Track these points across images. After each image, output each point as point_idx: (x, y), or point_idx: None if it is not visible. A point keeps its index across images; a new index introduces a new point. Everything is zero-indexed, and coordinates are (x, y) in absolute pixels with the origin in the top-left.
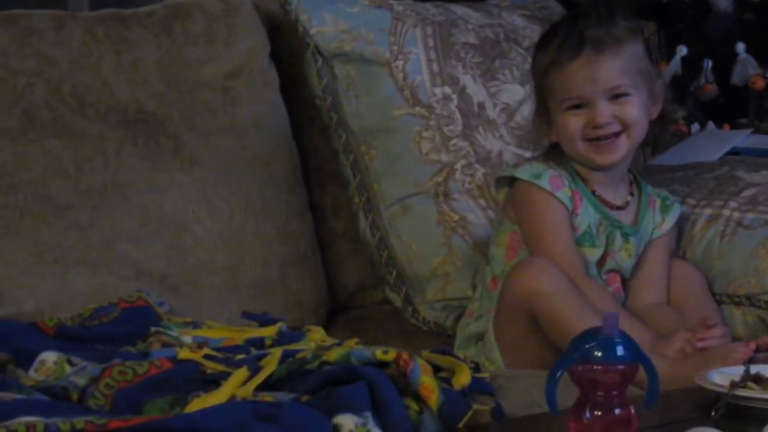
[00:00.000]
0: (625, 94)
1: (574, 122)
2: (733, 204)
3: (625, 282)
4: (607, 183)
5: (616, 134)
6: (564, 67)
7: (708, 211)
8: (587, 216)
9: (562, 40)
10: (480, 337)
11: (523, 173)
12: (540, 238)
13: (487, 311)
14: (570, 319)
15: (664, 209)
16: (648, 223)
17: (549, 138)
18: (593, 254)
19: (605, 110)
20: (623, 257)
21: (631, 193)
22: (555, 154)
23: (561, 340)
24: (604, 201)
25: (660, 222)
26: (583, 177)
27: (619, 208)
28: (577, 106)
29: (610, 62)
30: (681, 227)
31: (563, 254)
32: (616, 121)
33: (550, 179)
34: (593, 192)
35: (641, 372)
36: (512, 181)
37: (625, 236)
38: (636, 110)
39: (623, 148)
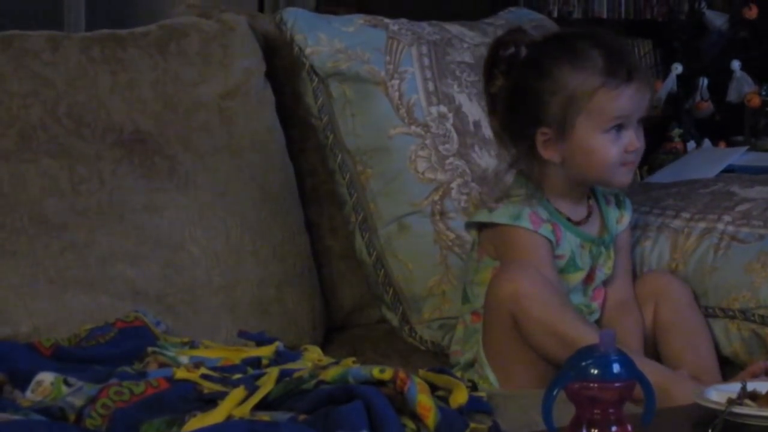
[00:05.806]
0: (640, 121)
1: (615, 146)
2: (727, 218)
3: None
4: (573, 204)
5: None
6: (623, 88)
7: (702, 225)
8: (568, 243)
9: (608, 63)
10: (472, 363)
11: (502, 218)
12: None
13: (475, 343)
14: (549, 318)
15: (619, 203)
16: (612, 221)
17: (548, 158)
18: (577, 277)
19: (641, 136)
20: (609, 266)
21: (588, 197)
22: (525, 183)
23: (539, 339)
24: (575, 222)
25: (619, 216)
26: (555, 206)
27: (587, 218)
28: (618, 128)
29: (650, 91)
30: (675, 240)
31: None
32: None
33: (530, 218)
34: (568, 219)
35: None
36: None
37: (607, 247)
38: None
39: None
